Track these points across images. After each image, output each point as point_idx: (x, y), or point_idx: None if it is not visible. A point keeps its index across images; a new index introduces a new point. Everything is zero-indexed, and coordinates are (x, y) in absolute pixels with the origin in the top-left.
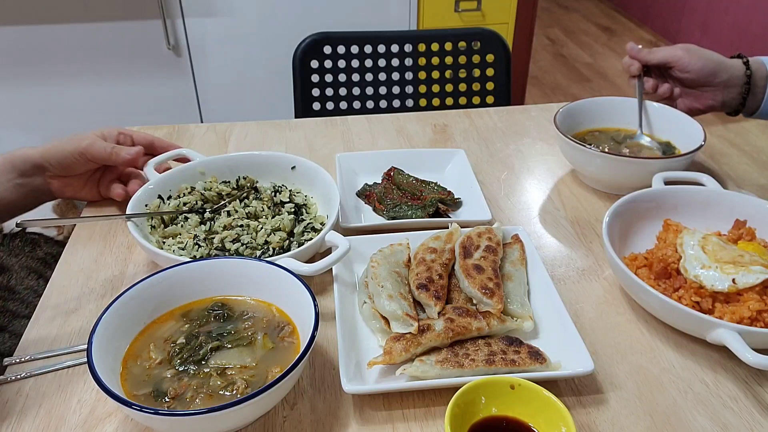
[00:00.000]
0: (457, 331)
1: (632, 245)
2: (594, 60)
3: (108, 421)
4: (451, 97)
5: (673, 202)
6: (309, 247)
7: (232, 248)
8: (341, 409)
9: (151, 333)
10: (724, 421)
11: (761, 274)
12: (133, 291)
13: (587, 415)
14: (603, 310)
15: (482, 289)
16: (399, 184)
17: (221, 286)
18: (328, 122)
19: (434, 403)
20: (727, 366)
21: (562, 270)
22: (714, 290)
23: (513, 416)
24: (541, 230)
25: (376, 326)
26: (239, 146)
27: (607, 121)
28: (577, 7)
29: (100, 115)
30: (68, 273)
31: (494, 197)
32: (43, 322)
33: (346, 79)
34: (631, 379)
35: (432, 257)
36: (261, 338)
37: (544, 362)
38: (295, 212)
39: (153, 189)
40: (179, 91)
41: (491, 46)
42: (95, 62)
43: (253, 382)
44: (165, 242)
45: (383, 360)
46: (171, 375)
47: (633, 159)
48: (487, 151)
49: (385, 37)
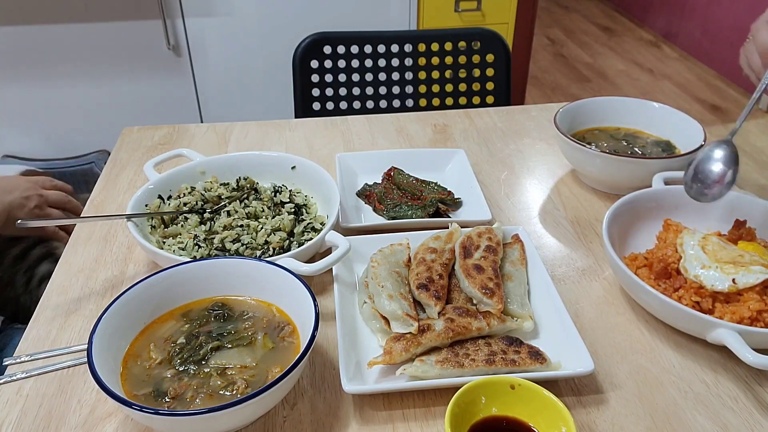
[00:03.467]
0: (457, 331)
1: (632, 245)
2: (594, 60)
3: (108, 421)
4: (451, 97)
5: (673, 202)
6: (309, 247)
7: (232, 248)
8: (341, 409)
9: (151, 333)
10: (724, 421)
11: (761, 274)
12: (133, 291)
13: (587, 415)
14: (603, 310)
15: (482, 289)
16: (399, 184)
17: (221, 286)
18: (328, 122)
19: (434, 403)
20: (727, 366)
21: (562, 270)
22: (714, 290)
23: (513, 416)
24: (541, 230)
25: (376, 326)
26: (239, 146)
27: (607, 120)
28: (577, 7)
29: (100, 115)
30: (68, 273)
31: (494, 197)
32: (43, 322)
33: (346, 79)
34: (631, 379)
35: (432, 257)
36: (261, 338)
37: (544, 362)
38: (295, 212)
39: (153, 189)
40: (179, 91)
41: (491, 46)
42: (95, 62)
43: (253, 382)
44: (165, 242)
45: (383, 360)
46: (171, 375)
47: (633, 159)
48: (487, 151)
49: (385, 37)
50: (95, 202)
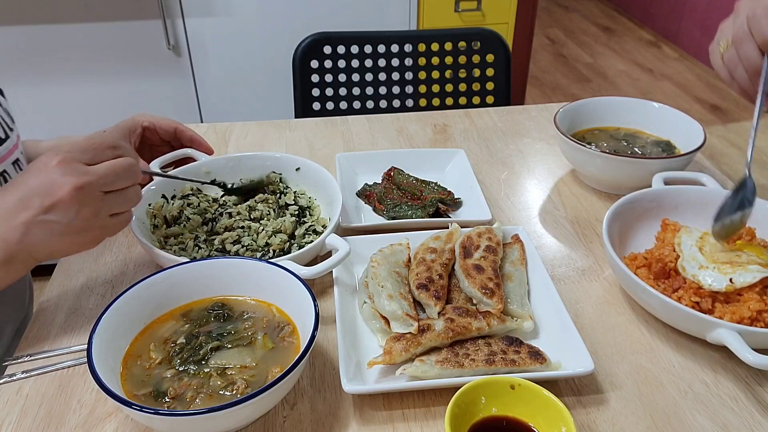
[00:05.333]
0: (457, 331)
1: (632, 245)
2: (594, 60)
3: (108, 421)
4: (451, 97)
5: (673, 202)
6: (309, 249)
7: (233, 250)
8: (341, 409)
9: (151, 333)
10: (724, 421)
11: (758, 272)
12: (133, 291)
13: (587, 415)
14: (603, 310)
15: (482, 289)
16: (399, 184)
17: (221, 286)
18: (328, 122)
19: (434, 403)
20: (727, 366)
21: (562, 270)
22: (712, 290)
23: (513, 416)
24: (541, 230)
25: (376, 326)
26: (239, 146)
27: (607, 120)
28: (577, 7)
29: (100, 115)
30: (68, 273)
31: (494, 197)
32: (43, 322)
33: (346, 79)
34: (631, 379)
35: (432, 257)
36: (261, 338)
37: (544, 362)
38: (299, 214)
39: (156, 189)
40: (179, 91)
41: (491, 46)
42: (95, 62)
43: (253, 382)
44: (167, 242)
45: (383, 360)
46: (171, 375)
47: (633, 159)
48: (487, 151)
49: (385, 37)
50: None
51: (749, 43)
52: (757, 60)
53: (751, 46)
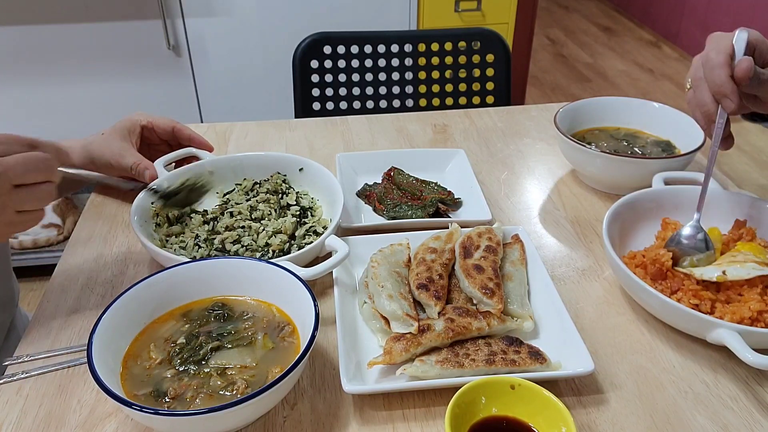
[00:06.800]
0: (457, 331)
1: (632, 245)
2: (594, 60)
3: (108, 421)
4: (451, 97)
5: (673, 202)
6: (309, 250)
7: (232, 249)
8: (341, 409)
9: (151, 333)
10: (724, 421)
11: (753, 270)
12: (133, 291)
13: (587, 415)
14: (603, 310)
15: (482, 289)
16: (399, 184)
17: (221, 286)
18: (328, 122)
19: (434, 403)
20: (727, 366)
21: (562, 270)
22: (703, 279)
23: (513, 416)
24: (541, 230)
25: (377, 326)
26: (239, 146)
27: (607, 120)
28: (577, 7)
29: (100, 115)
30: (68, 273)
31: (494, 197)
32: (43, 322)
33: (346, 79)
34: (631, 379)
35: (432, 257)
36: (261, 338)
37: (544, 362)
38: (300, 215)
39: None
40: (179, 91)
41: (491, 46)
42: (95, 62)
43: (253, 382)
44: (168, 240)
45: (383, 360)
46: (171, 375)
47: (633, 159)
48: (487, 151)
49: (385, 37)
50: (95, 202)
51: (704, 88)
52: (710, 107)
53: (705, 93)
